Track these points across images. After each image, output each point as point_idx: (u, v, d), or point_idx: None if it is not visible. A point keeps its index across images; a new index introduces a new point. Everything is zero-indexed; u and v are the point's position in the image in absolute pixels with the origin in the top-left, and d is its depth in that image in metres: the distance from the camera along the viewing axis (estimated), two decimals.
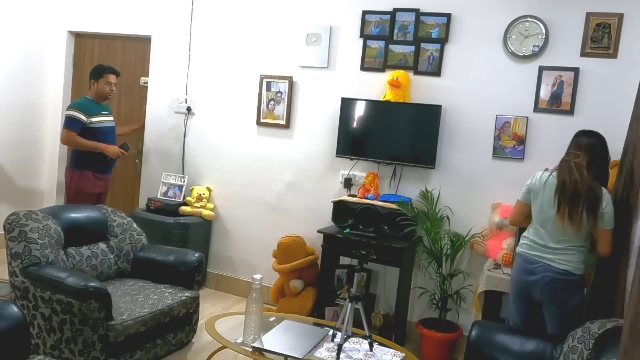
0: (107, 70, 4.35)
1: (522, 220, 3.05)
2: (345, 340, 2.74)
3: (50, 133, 5.38)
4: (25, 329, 2.22)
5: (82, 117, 4.16)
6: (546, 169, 2.94)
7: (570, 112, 3.55)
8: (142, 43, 5.00)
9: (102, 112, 4.33)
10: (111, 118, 4.44)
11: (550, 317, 2.89)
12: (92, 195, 4.26)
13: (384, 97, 3.92)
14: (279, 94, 4.39)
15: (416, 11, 3.92)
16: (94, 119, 4.23)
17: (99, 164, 4.28)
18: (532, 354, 2.55)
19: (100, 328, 2.86)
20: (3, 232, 3.17)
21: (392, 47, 4.00)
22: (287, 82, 4.35)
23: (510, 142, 3.70)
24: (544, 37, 3.59)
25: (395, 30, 3.99)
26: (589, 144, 2.85)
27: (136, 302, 3.17)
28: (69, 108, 4.25)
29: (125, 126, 4.81)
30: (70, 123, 4.17)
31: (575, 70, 3.53)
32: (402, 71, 3.91)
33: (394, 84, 3.84)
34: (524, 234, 2.99)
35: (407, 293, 3.91)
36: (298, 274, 4.05)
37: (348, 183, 4.08)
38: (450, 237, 3.62)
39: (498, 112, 3.72)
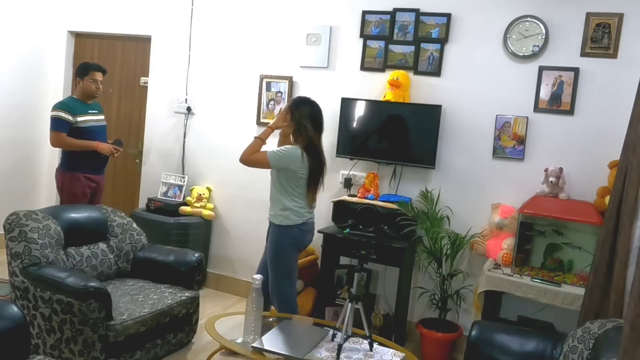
0: (92, 67, 4.18)
1: None
2: (345, 340, 2.74)
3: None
4: (25, 329, 2.22)
5: (68, 117, 4.01)
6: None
7: (570, 112, 3.55)
8: (142, 43, 5.01)
9: (90, 111, 4.17)
10: (101, 117, 4.27)
11: None
12: (84, 196, 4.12)
13: (384, 97, 3.92)
14: (279, 94, 4.39)
15: (416, 11, 3.92)
16: (80, 119, 4.06)
17: (91, 164, 4.14)
18: (532, 354, 2.55)
19: (100, 328, 2.86)
20: (3, 232, 3.17)
21: (392, 47, 4.00)
22: (287, 82, 4.35)
23: (510, 142, 3.70)
24: (543, 37, 3.59)
25: (395, 30, 3.99)
26: None
27: (136, 302, 3.17)
28: (53, 108, 4.08)
29: None
30: (56, 124, 4.02)
31: (575, 70, 3.52)
32: (402, 71, 3.91)
33: (394, 84, 3.84)
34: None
35: (407, 293, 3.91)
36: (298, 274, 4.04)
37: (348, 183, 4.08)
38: (450, 237, 3.62)
39: (498, 112, 3.72)
